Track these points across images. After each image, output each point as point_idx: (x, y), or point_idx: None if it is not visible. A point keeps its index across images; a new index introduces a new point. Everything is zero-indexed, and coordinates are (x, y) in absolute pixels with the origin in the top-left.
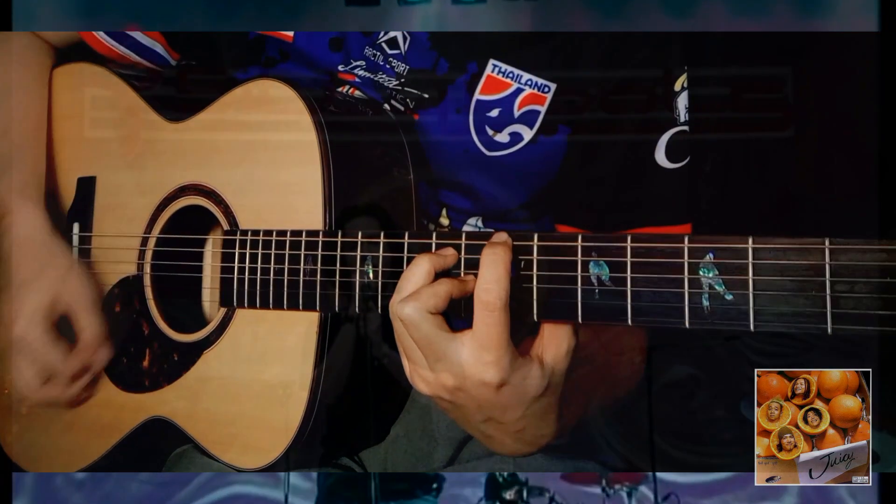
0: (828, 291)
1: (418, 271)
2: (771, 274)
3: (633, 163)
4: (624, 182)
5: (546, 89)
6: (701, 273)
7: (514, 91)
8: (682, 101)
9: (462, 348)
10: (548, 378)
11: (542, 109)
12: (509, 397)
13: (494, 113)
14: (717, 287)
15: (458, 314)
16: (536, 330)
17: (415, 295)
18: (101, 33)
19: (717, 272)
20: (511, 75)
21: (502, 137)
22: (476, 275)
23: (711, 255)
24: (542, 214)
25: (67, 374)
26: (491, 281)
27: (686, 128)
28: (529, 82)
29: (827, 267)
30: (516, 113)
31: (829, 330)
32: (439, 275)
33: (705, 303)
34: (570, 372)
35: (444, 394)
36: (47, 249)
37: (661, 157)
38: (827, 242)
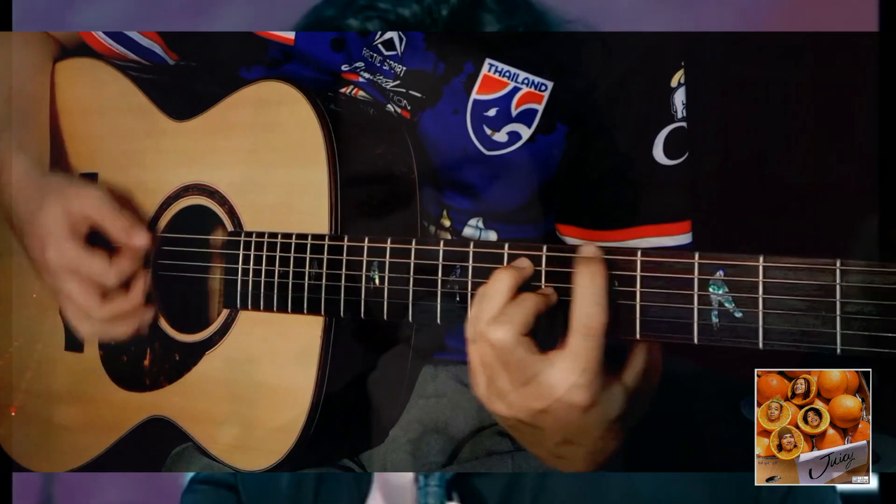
0: (838, 312)
1: (501, 288)
2: (781, 293)
3: (631, 160)
4: (622, 179)
5: (543, 87)
6: (711, 290)
7: (512, 90)
8: (680, 97)
9: (552, 370)
10: (628, 398)
11: (540, 108)
12: (594, 419)
13: (492, 112)
14: (726, 304)
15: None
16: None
17: (505, 316)
18: (100, 33)
19: (726, 289)
20: (508, 74)
21: (500, 136)
22: (553, 287)
23: (721, 273)
24: (544, 214)
25: (116, 277)
26: (592, 304)
27: (684, 124)
28: (526, 81)
29: (837, 288)
30: (514, 112)
31: (839, 350)
32: (519, 289)
33: (714, 319)
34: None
35: (527, 417)
36: (46, 182)
37: (658, 153)
38: (838, 263)
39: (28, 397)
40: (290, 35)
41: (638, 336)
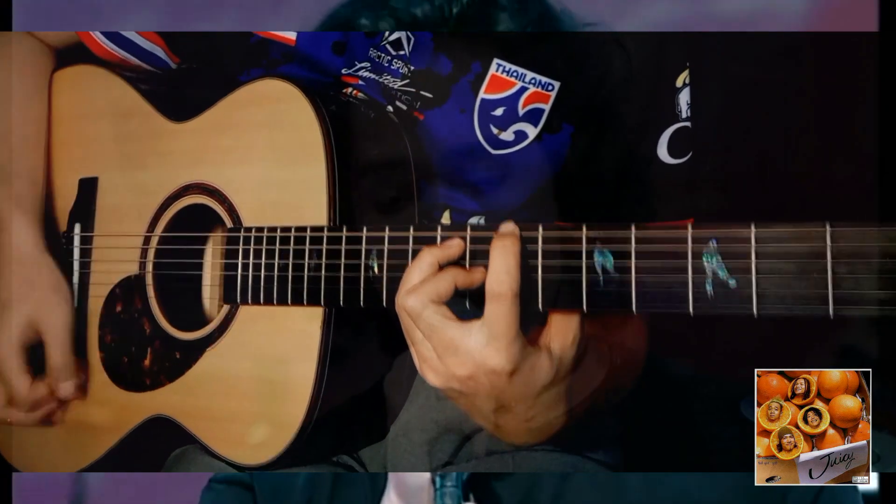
0: (829, 274)
1: (422, 264)
2: (773, 259)
3: (636, 159)
4: (626, 178)
5: (550, 87)
6: (704, 260)
7: (519, 90)
8: (684, 97)
9: (470, 336)
10: (556, 367)
11: (547, 107)
12: (520, 385)
13: (499, 112)
14: (720, 273)
15: (462, 306)
16: (544, 320)
17: (418, 286)
18: (100, 35)
19: (720, 258)
20: (515, 74)
21: (507, 136)
22: (483, 266)
23: (714, 242)
24: (546, 213)
25: (28, 401)
26: (502, 272)
27: (688, 124)
28: (533, 81)
29: (828, 250)
30: (521, 111)
31: (831, 312)
32: (444, 266)
33: (709, 289)
34: (577, 361)
35: (456, 384)
36: (34, 269)
37: (663, 152)
38: (828, 226)
39: None
40: (292, 35)
41: (634, 310)
